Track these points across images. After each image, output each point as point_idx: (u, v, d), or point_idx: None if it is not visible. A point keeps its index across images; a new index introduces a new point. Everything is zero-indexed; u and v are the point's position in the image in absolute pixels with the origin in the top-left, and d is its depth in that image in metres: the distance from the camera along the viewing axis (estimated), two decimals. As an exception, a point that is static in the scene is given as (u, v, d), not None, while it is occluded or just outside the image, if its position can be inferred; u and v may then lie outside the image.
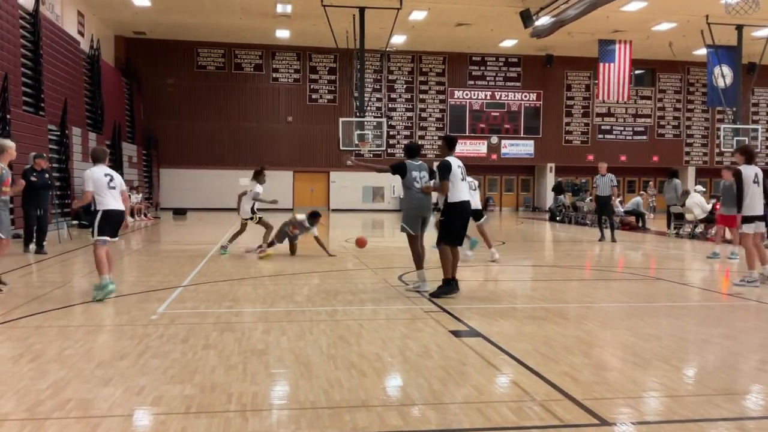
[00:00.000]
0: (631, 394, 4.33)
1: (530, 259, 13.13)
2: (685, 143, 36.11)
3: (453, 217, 7.97)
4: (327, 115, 32.73)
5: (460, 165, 8.04)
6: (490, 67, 34.51)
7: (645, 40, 29.82)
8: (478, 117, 34.54)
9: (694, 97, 35.96)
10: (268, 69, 32.99)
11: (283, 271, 10.23)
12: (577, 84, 35.37)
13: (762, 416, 4.01)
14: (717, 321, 6.97)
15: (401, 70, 34.02)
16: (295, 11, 25.99)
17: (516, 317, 6.85)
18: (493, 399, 4.19)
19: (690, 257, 13.67)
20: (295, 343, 5.61)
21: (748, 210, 9.18)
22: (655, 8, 24.94)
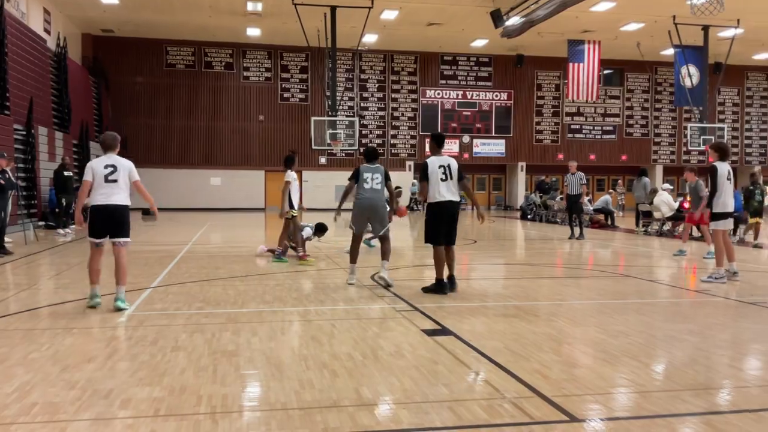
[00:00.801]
0: (600, 391, 4.38)
1: (502, 258, 13.22)
2: (653, 142, 36.65)
3: (431, 217, 8.15)
4: (299, 114, 32.59)
5: (443, 164, 8.07)
6: (462, 66, 34.67)
7: (613, 41, 30.20)
8: (450, 116, 34.67)
9: (661, 97, 36.51)
10: (238, 67, 32.74)
11: (254, 272, 10.15)
12: (547, 84, 35.70)
13: (728, 411, 4.08)
14: (684, 317, 7.09)
15: (373, 69, 34.01)
16: (266, 9, 25.83)
17: (487, 315, 6.89)
18: (465, 397, 4.21)
19: (658, 254, 13.88)
20: (267, 343, 5.57)
21: (722, 207, 9.28)
22: (623, 9, 25.27)
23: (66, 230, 17.38)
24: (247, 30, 29.50)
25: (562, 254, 13.87)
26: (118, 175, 6.88)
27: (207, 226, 21.34)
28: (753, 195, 15.02)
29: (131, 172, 7.02)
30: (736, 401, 4.28)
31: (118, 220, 6.91)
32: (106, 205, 6.84)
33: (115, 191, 6.85)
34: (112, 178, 6.85)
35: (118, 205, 6.87)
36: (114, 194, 6.84)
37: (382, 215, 8.70)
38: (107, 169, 6.88)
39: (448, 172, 8.07)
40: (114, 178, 6.86)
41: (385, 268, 8.58)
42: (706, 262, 11.82)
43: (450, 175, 8.09)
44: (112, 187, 6.84)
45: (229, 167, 32.56)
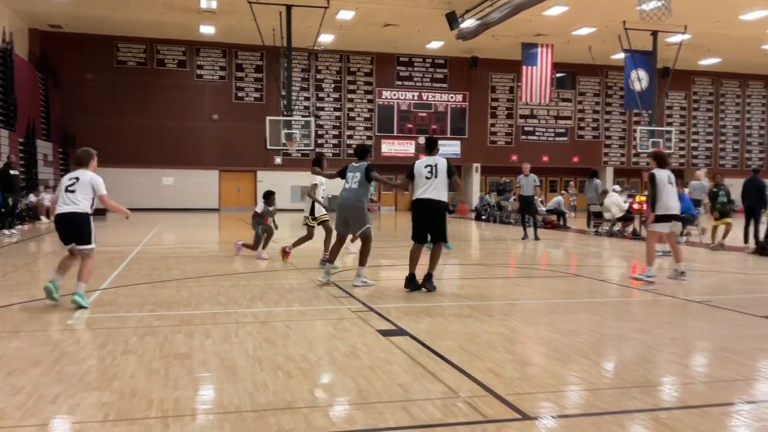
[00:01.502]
0: (552, 389, 4.45)
1: (457, 258, 13.32)
2: (603, 144, 37.45)
3: (412, 214, 8.43)
4: (254, 113, 32.26)
5: (429, 164, 8.21)
6: (418, 68, 34.85)
7: (566, 44, 30.77)
8: (405, 117, 34.82)
9: (612, 100, 37.34)
10: (192, 66, 32.27)
11: (209, 273, 10.02)
12: (502, 86, 36.15)
13: (675, 407, 4.20)
14: (633, 316, 7.27)
15: (329, 69, 33.92)
16: (220, 7, 25.52)
17: (442, 315, 6.94)
18: (419, 397, 4.23)
19: (608, 254, 14.19)
20: (220, 345, 5.50)
21: (665, 210, 9.52)
22: (575, 13, 25.76)
23: (12, 231, 16.86)
24: (200, 28, 29.09)
25: (516, 254, 14.06)
26: (77, 186, 7.16)
27: (159, 226, 20.97)
28: (716, 197, 14.97)
29: (94, 186, 7.22)
30: (683, 397, 4.41)
31: (76, 228, 7.15)
32: (63, 213, 7.14)
33: (72, 200, 7.12)
34: (71, 188, 7.15)
35: (73, 212, 7.10)
36: (71, 203, 7.11)
37: (356, 215, 8.62)
38: (70, 180, 7.23)
39: (434, 171, 8.15)
40: (73, 189, 7.15)
41: (360, 274, 8.60)
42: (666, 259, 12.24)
43: (436, 174, 8.15)
44: (70, 196, 7.13)
45: (182, 167, 32.06)
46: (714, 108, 38.83)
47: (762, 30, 27.72)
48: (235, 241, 12.79)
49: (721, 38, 29.49)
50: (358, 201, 8.63)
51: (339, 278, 9.46)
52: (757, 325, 6.70)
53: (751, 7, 24.05)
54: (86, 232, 7.16)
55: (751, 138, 39.45)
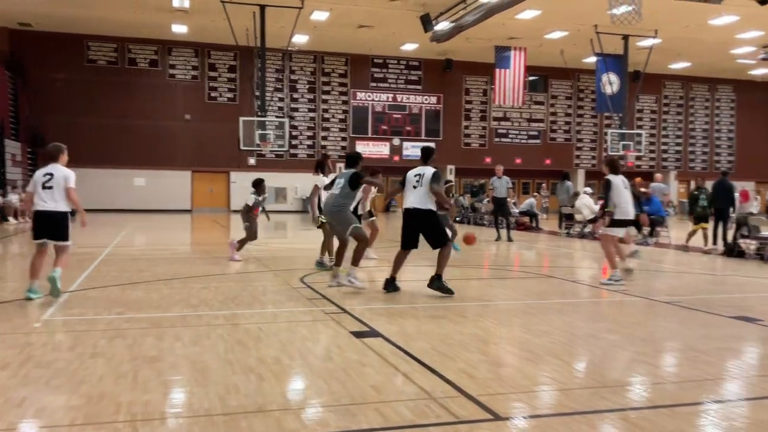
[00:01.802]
0: (524, 389, 4.47)
1: (430, 260, 13.32)
2: (575, 147, 37.84)
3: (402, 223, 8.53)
4: (227, 113, 32.01)
5: (418, 173, 8.34)
6: (392, 69, 34.90)
7: (538, 48, 31.03)
8: (380, 119, 34.84)
9: (583, 103, 37.75)
10: (164, 65, 31.93)
11: (180, 275, 9.91)
12: (475, 88, 36.35)
13: (644, 407, 4.24)
14: (603, 316, 7.34)
15: (303, 70, 33.81)
16: (193, 6, 25.29)
17: (416, 316, 6.94)
18: (392, 398, 4.22)
19: (580, 256, 14.34)
20: (191, 348, 5.43)
21: (622, 215, 9.65)
22: (547, 17, 26.00)
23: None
24: (173, 27, 28.80)
25: (489, 256, 14.14)
26: (53, 182, 7.37)
27: (130, 227, 20.69)
28: (697, 200, 14.94)
29: (66, 180, 7.43)
30: (652, 397, 4.46)
31: (54, 225, 7.44)
32: (42, 210, 7.38)
33: (50, 197, 7.36)
34: (48, 185, 7.37)
35: (52, 211, 7.37)
36: (50, 200, 7.36)
37: (338, 219, 8.61)
38: (45, 177, 7.42)
39: (421, 180, 8.27)
40: (50, 185, 7.37)
41: (350, 273, 8.41)
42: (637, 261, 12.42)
43: (422, 183, 8.27)
44: (48, 193, 7.36)
45: (153, 167, 31.69)
46: (684, 111, 39.46)
47: (731, 35, 28.26)
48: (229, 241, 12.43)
49: (691, 43, 29.99)
50: (337, 206, 8.59)
51: (312, 280, 9.43)
52: (725, 325, 6.81)
53: (720, 13, 24.49)
54: (64, 229, 7.48)
55: (720, 141, 40.17)
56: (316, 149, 34.04)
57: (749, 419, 4.00)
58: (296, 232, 21.43)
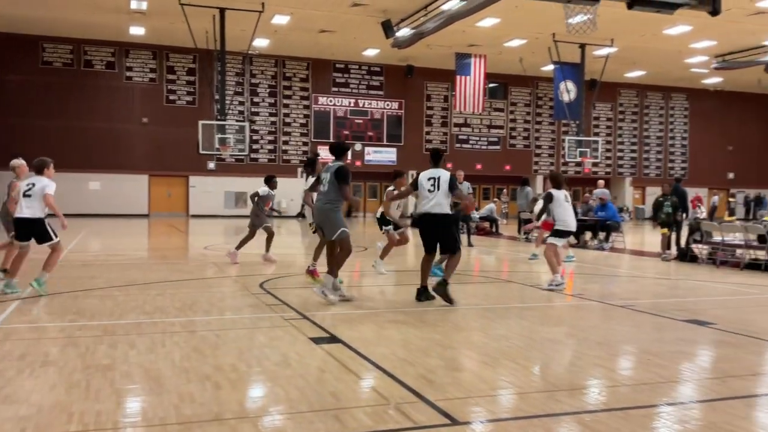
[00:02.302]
0: (482, 393, 4.50)
1: (392, 264, 13.34)
2: (534, 153, 38.35)
3: (419, 229, 8.38)
4: (186, 117, 31.57)
5: (432, 176, 8.10)
6: (354, 74, 34.90)
7: (498, 55, 31.40)
8: (342, 123, 34.79)
9: (542, 111, 38.29)
10: (121, 67, 31.36)
11: (135, 281, 9.71)
12: (437, 95, 36.58)
13: (599, 410, 4.30)
14: (560, 321, 7.44)
15: (264, 74, 33.58)
16: (151, 8, 24.89)
17: (376, 322, 6.93)
18: (350, 405, 4.20)
19: (539, 260, 14.49)
20: (145, 356, 5.33)
21: (563, 226, 10.01)
22: (507, 25, 26.32)
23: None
24: (130, 28, 28.30)
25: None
26: (33, 191, 7.95)
27: (84, 233, 20.22)
28: (661, 206, 14.72)
29: (44, 188, 7.97)
30: (607, 400, 4.53)
31: (32, 230, 8.03)
32: (20, 217, 8.02)
33: (28, 205, 7.94)
34: (28, 193, 7.96)
35: (27, 217, 7.96)
36: (26, 207, 7.95)
37: (329, 219, 7.88)
38: (27, 186, 8.03)
39: (437, 184, 8.04)
40: (29, 194, 7.95)
41: (326, 284, 7.76)
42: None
43: (438, 187, 8.02)
44: (26, 201, 7.95)
45: (109, 171, 31.06)
46: (639, 119, 40.33)
47: (685, 44, 29.00)
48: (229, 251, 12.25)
49: (646, 52, 30.69)
50: (330, 203, 7.87)
51: (272, 285, 9.35)
52: (678, 328, 6.96)
53: (674, 22, 25.10)
54: (43, 233, 8.05)
55: (674, 148, 41.16)
56: (277, 153, 33.82)
57: (701, 421, 4.09)
58: (257, 238, 21.19)
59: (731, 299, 9.33)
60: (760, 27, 25.75)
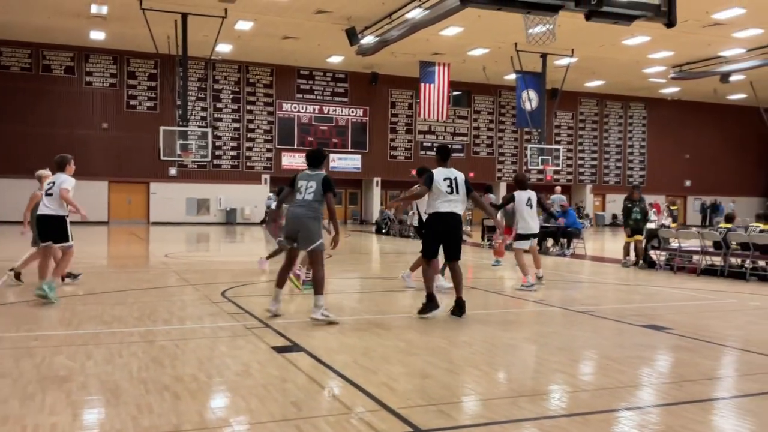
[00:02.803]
0: (444, 400, 4.51)
1: (356, 272, 13.35)
2: (497, 161, 38.75)
3: (429, 229, 7.85)
4: (147, 123, 31.17)
5: (449, 176, 7.70)
6: (318, 81, 34.86)
7: (462, 64, 31.70)
8: (306, 130, 34.70)
9: (505, 119, 38.74)
10: (80, 72, 30.81)
11: (93, 290, 9.52)
12: (401, 102, 36.75)
13: (560, 415, 4.35)
14: (522, 326, 7.51)
15: (227, 79, 33.33)
16: (112, 13, 24.51)
17: (340, 330, 6.90)
18: (312, 414, 4.17)
19: (502, 267, 14.61)
20: (102, 367, 5.22)
21: (523, 229, 10.32)
22: (470, 34, 26.59)
23: None
24: (90, 33, 27.84)
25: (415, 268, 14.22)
26: (53, 190, 8.05)
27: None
28: (630, 213, 14.43)
29: (61, 184, 8.08)
30: (567, 406, 4.58)
31: (49, 228, 8.09)
32: (41, 214, 8.11)
33: (49, 203, 8.06)
34: (49, 192, 8.09)
35: (49, 214, 8.04)
36: (48, 207, 8.05)
37: (309, 229, 7.30)
38: (48, 185, 8.16)
39: (454, 186, 7.65)
40: (50, 192, 8.07)
41: (319, 305, 7.14)
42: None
43: (457, 189, 7.65)
44: (48, 199, 8.07)
45: (69, 178, 30.43)
46: (599, 127, 41.07)
47: (643, 54, 29.67)
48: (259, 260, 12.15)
49: (605, 62, 31.31)
50: (314, 212, 7.32)
51: (234, 293, 9.26)
52: (636, 333, 7.08)
53: (632, 33, 25.67)
54: (62, 231, 8.12)
55: (632, 156, 41.99)
56: (240, 160, 33.55)
57: (659, 425, 4.16)
58: (219, 245, 21.01)
59: (688, 304, 9.53)
60: (716, 38, 26.50)
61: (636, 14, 7.24)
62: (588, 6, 6.68)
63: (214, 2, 22.70)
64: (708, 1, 21.69)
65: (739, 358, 6.14)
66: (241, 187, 33.10)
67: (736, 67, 29.66)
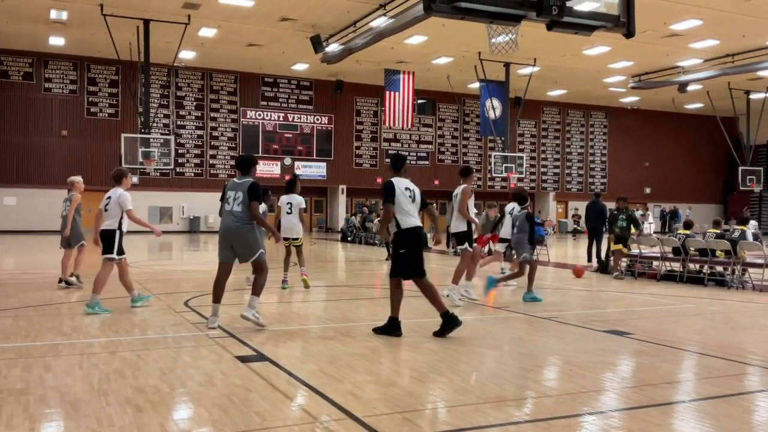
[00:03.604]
0: (409, 408, 4.51)
1: (322, 280, 13.29)
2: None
3: (408, 246, 7.03)
4: (108, 130, 30.68)
5: (409, 187, 7.18)
6: (283, 89, 34.72)
7: (426, 72, 31.90)
8: (271, 138, 34.50)
9: (469, 127, 39.07)
10: (39, 78, 30.18)
11: (53, 301, 9.31)
12: (366, 110, 36.80)
13: (523, 421, 4.38)
14: (487, 333, 7.56)
15: (190, 86, 32.98)
16: (72, 18, 24.09)
17: (305, 339, 6.87)
18: (276, 424, 4.14)
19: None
20: (62, 379, 5.10)
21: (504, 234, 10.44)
22: (434, 43, 26.79)
23: None
24: (50, 39, 27.30)
25: (381, 276, 14.25)
26: (109, 206, 8.34)
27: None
28: (615, 220, 14.04)
29: (122, 204, 8.33)
30: (530, 411, 4.62)
31: (103, 241, 8.38)
32: (101, 230, 8.41)
33: (107, 217, 8.37)
34: (105, 207, 8.39)
35: (104, 229, 8.37)
36: (106, 220, 8.36)
37: (244, 240, 7.13)
38: (105, 200, 8.43)
39: (414, 196, 7.19)
40: (106, 208, 8.37)
41: (253, 306, 7.16)
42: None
43: (414, 199, 7.19)
44: (105, 215, 8.38)
45: (26, 185, 29.77)
46: (561, 136, 41.68)
47: (603, 64, 30.23)
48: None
49: (567, 71, 31.82)
50: (246, 223, 7.10)
51: (197, 303, 9.14)
52: (598, 339, 7.19)
53: (593, 43, 26.16)
54: (109, 244, 8.33)
55: (594, 164, 42.69)
56: (204, 168, 33.20)
57: (620, 429, 4.22)
58: (183, 253, 20.73)
59: (648, 309, 9.71)
60: (674, 49, 27.15)
61: (596, 25, 7.37)
62: (549, 16, 6.78)
63: (177, 8, 22.49)
64: (666, 13, 22.21)
65: (698, 362, 6.27)
66: (205, 195, 32.74)
67: (693, 77, 30.41)
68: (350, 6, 22.29)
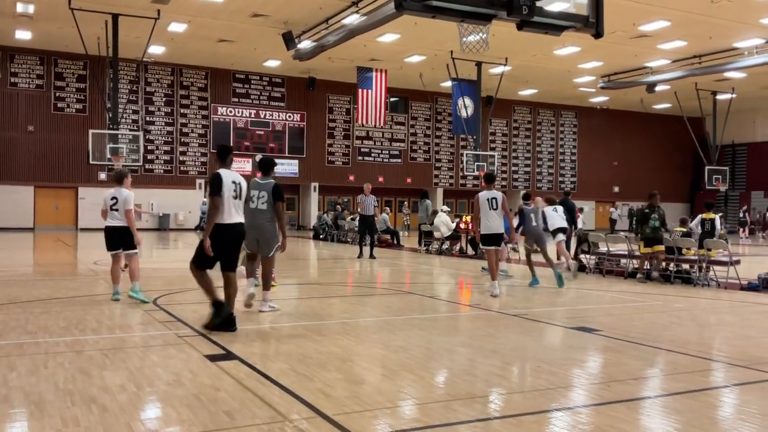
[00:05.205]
0: (380, 406, 4.52)
1: (293, 278, 13.23)
2: (434, 167, 39.15)
3: (213, 240, 6.87)
4: (75, 125, 30.16)
5: (234, 180, 7.06)
6: (255, 85, 34.46)
7: (399, 70, 31.92)
8: (242, 135, 34.22)
9: (441, 125, 39.20)
10: (5, 73, 29.53)
11: (17, 299, 9.12)
12: (339, 107, 36.70)
13: (493, 417, 4.42)
14: (458, 330, 7.60)
15: (160, 82, 32.57)
16: (39, 12, 23.61)
17: (275, 337, 6.83)
18: (245, 423, 4.11)
19: (438, 272, 14.78)
20: (26, 379, 5.00)
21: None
22: (406, 41, 26.82)
23: None
24: (16, 32, 26.73)
25: (353, 273, 14.24)
26: (118, 205, 8.75)
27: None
28: (647, 219, 12.61)
29: (126, 203, 8.75)
30: (500, 408, 4.66)
31: (120, 238, 8.78)
32: (111, 226, 8.82)
33: (118, 217, 8.76)
34: (114, 207, 8.77)
35: (118, 226, 8.77)
36: (118, 219, 8.78)
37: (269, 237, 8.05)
38: (112, 200, 8.79)
39: (239, 191, 7.07)
40: (116, 207, 8.76)
41: (267, 299, 8.24)
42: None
43: (240, 195, 7.09)
44: (116, 213, 8.77)
45: (-9, 182, 29.16)
46: (532, 135, 42.03)
47: (573, 64, 30.54)
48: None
49: (538, 71, 32.09)
50: (270, 221, 7.97)
51: (166, 301, 9.04)
52: (567, 335, 7.27)
53: (563, 43, 26.41)
54: (129, 240, 8.80)
55: (564, 163, 43.14)
56: (173, 164, 32.82)
57: (588, 425, 4.27)
58: (152, 251, 20.47)
59: (615, 306, 9.84)
60: (642, 49, 27.53)
61: (565, 25, 7.43)
62: (520, 16, 6.81)
63: (146, 3, 22.18)
64: (635, 14, 22.51)
65: (664, 359, 6.37)
66: (175, 192, 32.39)
67: (661, 77, 30.87)
68: (322, 3, 22.20)
